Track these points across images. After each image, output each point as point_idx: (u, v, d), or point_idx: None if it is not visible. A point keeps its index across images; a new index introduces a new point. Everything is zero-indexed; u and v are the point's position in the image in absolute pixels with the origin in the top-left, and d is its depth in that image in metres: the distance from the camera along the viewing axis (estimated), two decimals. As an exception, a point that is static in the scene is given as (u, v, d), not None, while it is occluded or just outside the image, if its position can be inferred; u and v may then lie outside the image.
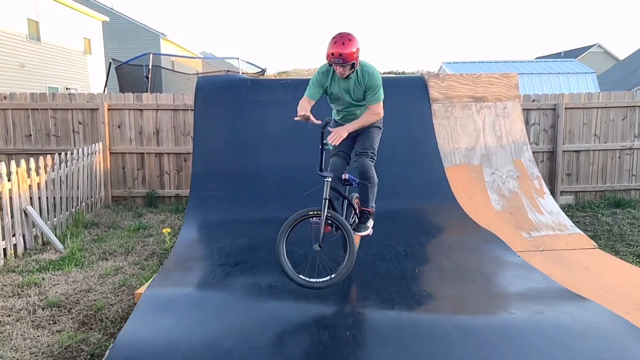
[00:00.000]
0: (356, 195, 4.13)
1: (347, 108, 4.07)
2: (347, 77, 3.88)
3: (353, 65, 3.77)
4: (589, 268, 4.67)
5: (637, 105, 8.14)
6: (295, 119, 3.78)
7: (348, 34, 3.70)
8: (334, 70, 3.90)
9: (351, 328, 3.30)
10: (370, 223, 4.13)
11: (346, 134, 3.75)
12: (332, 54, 3.65)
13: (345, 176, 3.90)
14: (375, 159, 4.03)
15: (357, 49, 3.69)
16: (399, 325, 3.38)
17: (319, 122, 3.76)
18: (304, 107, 3.82)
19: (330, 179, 3.66)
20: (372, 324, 3.42)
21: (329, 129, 3.81)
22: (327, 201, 3.59)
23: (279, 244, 3.52)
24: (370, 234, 4.16)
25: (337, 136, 3.69)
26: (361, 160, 3.95)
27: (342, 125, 4.14)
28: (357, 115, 4.08)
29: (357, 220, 4.13)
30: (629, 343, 3.17)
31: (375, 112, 3.94)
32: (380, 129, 4.16)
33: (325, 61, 3.86)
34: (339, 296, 3.79)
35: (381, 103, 3.96)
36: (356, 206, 4.12)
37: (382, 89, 3.94)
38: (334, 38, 3.70)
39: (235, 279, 4.17)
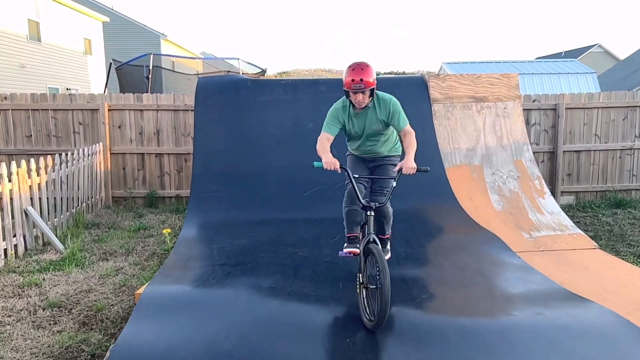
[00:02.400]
0: None
1: (365, 142, 4.04)
2: (364, 108, 3.86)
3: (372, 93, 3.77)
4: (589, 268, 4.66)
5: (638, 105, 8.13)
6: (326, 167, 3.67)
7: (364, 62, 3.75)
8: (350, 105, 3.89)
9: (351, 331, 3.29)
10: (389, 247, 4.25)
11: (414, 164, 3.67)
12: (353, 80, 3.66)
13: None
14: (391, 196, 3.95)
15: (374, 79, 3.72)
16: (399, 327, 3.38)
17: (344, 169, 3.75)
18: (326, 149, 3.74)
19: (374, 214, 3.63)
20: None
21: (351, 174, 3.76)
22: (372, 236, 3.50)
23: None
24: (390, 257, 4.21)
25: (412, 170, 3.64)
26: (377, 199, 3.89)
27: (358, 157, 4.17)
28: (375, 149, 4.07)
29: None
30: (630, 343, 3.16)
31: (411, 133, 3.87)
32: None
33: (337, 94, 3.78)
34: (339, 299, 3.79)
35: (409, 125, 3.91)
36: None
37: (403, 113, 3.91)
38: (350, 66, 3.73)
39: (236, 279, 4.17)
